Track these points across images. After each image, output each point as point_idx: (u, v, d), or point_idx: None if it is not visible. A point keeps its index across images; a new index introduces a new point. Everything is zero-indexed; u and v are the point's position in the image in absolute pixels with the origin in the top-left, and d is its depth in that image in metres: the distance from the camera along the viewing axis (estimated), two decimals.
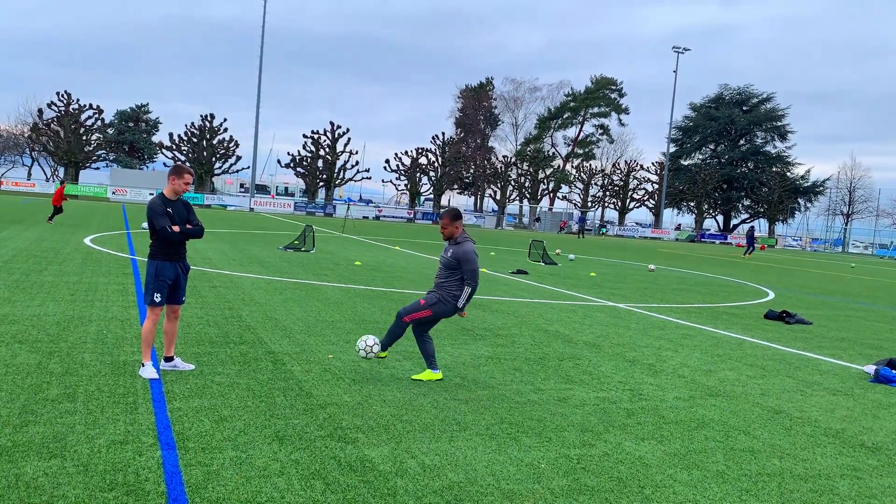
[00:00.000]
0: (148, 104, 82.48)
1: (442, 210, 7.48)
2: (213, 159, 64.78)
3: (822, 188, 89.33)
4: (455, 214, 7.33)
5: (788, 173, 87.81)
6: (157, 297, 6.71)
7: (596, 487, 4.84)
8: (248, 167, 66.32)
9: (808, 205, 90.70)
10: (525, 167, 78.43)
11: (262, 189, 79.11)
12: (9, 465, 4.41)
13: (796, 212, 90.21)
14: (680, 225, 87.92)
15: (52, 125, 60.60)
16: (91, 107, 61.64)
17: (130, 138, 79.75)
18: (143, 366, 6.69)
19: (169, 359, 6.99)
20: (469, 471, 4.95)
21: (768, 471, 5.45)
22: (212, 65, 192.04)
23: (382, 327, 10.12)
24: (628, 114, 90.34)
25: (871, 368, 9.60)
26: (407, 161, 71.86)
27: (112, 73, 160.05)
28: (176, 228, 6.68)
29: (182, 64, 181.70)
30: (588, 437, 5.93)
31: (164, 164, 66.66)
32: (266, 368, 7.30)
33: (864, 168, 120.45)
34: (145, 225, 20.42)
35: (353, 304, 12.11)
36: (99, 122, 62.66)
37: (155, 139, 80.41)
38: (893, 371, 9.15)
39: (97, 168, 67.17)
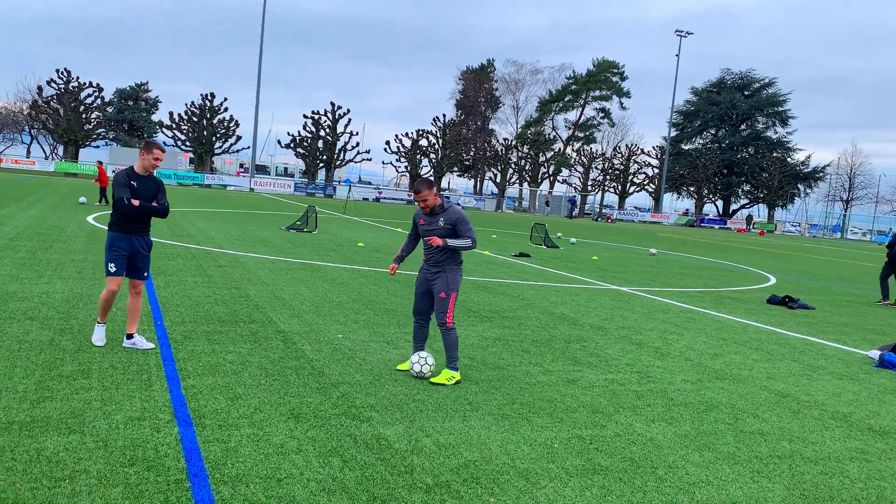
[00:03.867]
0: (147, 83, 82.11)
1: (417, 183, 6.92)
2: (214, 139, 64.51)
3: (822, 174, 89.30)
4: (430, 183, 6.74)
5: (789, 159, 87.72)
6: (112, 268, 6.70)
7: (609, 467, 4.88)
8: (249, 147, 66.15)
9: (808, 191, 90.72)
10: (525, 150, 78.18)
11: (261, 169, 78.88)
12: (29, 440, 4.44)
13: (796, 198, 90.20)
14: (688, 210, 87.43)
15: (51, 103, 60.28)
16: (91, 84, 61.31)
17: (130, 117, 79.38)
18: (98, 325, 6.93)
19: (130, 336, 6.91)
20: (483, 450, 4.99)
21: (778, 453, 5.50)
22: (212, 44, 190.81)
23: (390, 308, 10.16)
24: (630, 97, 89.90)
25: (875, 353, 9.65)
26: (407, 143, 71.64)
27: (111, 51, 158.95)
28: (135, 202, 6.63)
29: (182, 43, 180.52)
30: (599, 418, 5.97)
31: (164, 143, 66.29)
32: (277, 347, 7.33)
33: (864, 154, 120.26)
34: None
35: (358, 285, 12.14)
36: (99, 101, 62.31)
37: (155, 118, 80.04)
38: None
39: (97, 146, 66.90)
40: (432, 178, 9.50)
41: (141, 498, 3.83)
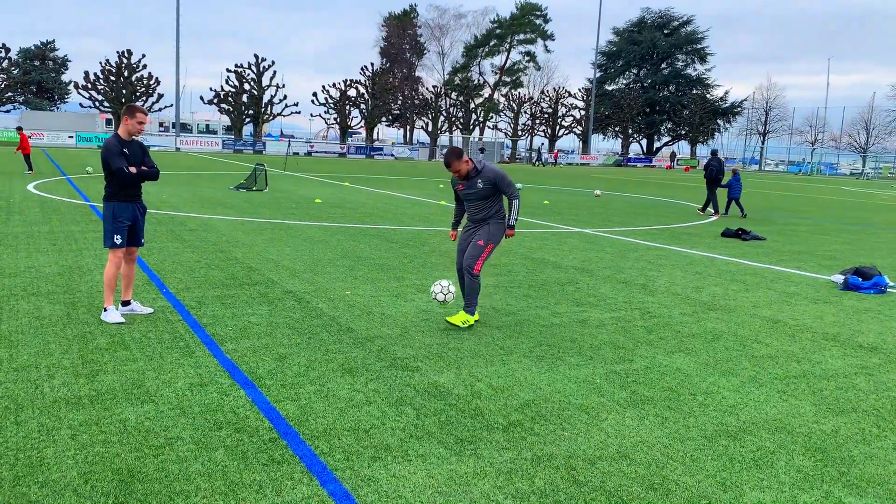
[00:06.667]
0: (54, 41, 77.54)
1: (446, 155, 7.10)
2: (134, 98, 61.90)
3: (739, 109, 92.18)
4: (458, 153, 6.86)
5: (708, 95, 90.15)
6: (118, 239, 6.60)
7: (654, 398, 5.25)
8: (171, 105, 63.87)
9: (727, 126, 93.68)
10: (455, 97, 77.92)
11: (183, 128, 76.32)
12: (107, 413, 4.49)
13: (716, 133, 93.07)
14: (618, 153, 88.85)
15: None
16: None
17: (38, 78, 75.07)
18: (106, 310, 6.59)
19: (126, 303, 6.86)
20: (536, 390, 5.28)
21: (793, 374, 5.99)
22: None
23: (380, 263, 10.30)
24: (553, 40, 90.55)
25: (838, 278, 10.36)
26: (335, 94, 70.32)
27: (7, 9, 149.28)
28: (132, 170, 6.57)
29: None
30: (623, 353, 6.34)
31: (80, 105, 63.32)
32: (293, 307, 7.41)
33: (779, 88, 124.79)
34: (89, 169, 20.26)
35: (337, 241, 12.18)
36: (6, 62, 58.74)
37: (65, 78, 76.06)
38: (861, 279, 9.92)
39: (7, 111, 63.34)
40: (460, 147, 9.49)
41: (245, 458, 3.97)
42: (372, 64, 72.65)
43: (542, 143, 78.50)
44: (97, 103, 61.59)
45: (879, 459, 4.35)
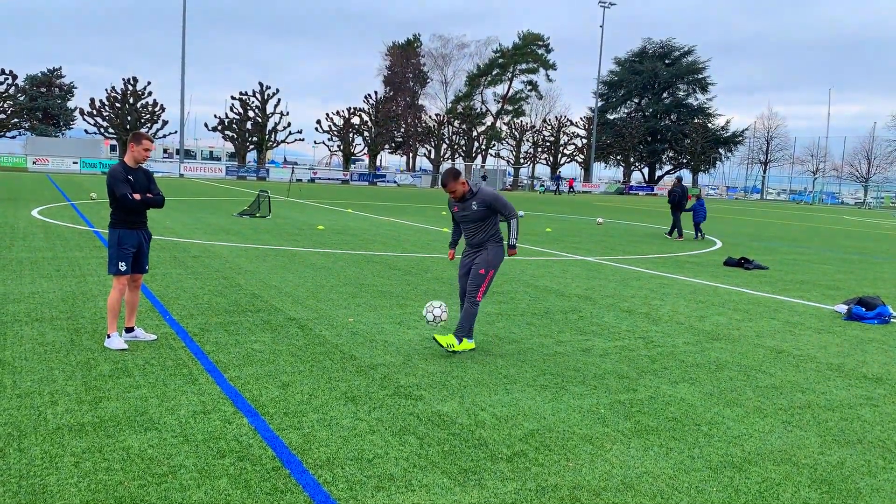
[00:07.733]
0: (61, 68, 78.33)
1: (443, 175, 7.21)
2: (138, 124, 62.34)
3: (741, 138, 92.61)
4: (455, 173, 7.03)
5: (710, 124, 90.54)
6: (123, 266, 6.62)
7: (658, 428, 5.22)
8: (175, 132, 64.32)
9: (728, 154, 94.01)
10: (457, 125, 78.38)
11: (187, 154, 76.72)
12: (110, 440, 4.48)
13: (717, 162, 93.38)
14: (621, 181, 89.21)
15: None
16: (3, 72, 58.21)
17: (44, 104, 75.69)
18: (109, 337, 6.59)
19: (130, 329, 6.88)
20: (540, 419, 5.26)
21: (797, 404, 5.96)
22: (123, 26, 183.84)
23: (383, 290, 10.30)
24: (555, 69, 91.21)
25: (842, 308, 10.34)
26: (339, 121, 70.77)
27: (15, 36, 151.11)
28: (137, 196, 6.60)
29: (91, 26, 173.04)
30: (627, 383, 6.32)
31: (85, 132, 63.74)
32: (297, 334, 7.41)
33: (780, 117, 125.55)
34: (94, 195, 20.22)
35: (340, 268, 12.20)
36: (13, 89, 59.27)
37: (71, 105, 76.64)
38: (864, 309, 9.91)
39: (13, 137, 63.68)
40: (458, 169, 9.48)
41: (249, 487, 3.95)
42: (375, 92, 73.37)
43: (559, 173, 78.98)
44: (102, 130, 62.00)
45: (886, 492, 4.32)
